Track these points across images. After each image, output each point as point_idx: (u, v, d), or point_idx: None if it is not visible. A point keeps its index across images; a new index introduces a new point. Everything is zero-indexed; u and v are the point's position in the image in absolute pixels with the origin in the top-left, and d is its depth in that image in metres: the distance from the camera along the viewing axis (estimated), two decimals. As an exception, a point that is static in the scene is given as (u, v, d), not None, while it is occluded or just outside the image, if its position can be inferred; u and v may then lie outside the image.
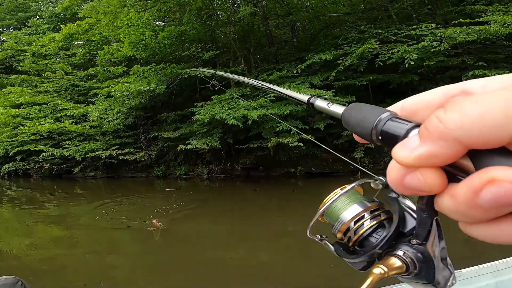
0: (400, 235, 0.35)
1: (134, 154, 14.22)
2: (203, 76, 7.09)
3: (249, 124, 10.51)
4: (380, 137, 0.31)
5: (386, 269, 0.32)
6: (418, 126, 0.28)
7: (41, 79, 18.96)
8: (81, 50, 19.09)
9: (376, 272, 0.32)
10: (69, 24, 17.30)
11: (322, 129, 10.72)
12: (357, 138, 0.36)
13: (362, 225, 0.38)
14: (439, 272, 0.33)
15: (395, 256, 0.33)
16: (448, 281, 0.33)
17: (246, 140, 11.97)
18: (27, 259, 5.73)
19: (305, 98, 0.55)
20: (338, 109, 0.41)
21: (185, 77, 12.33)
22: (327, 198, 0.40)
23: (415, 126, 0.28)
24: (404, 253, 0.33)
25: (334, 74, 10.81)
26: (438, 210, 0.28)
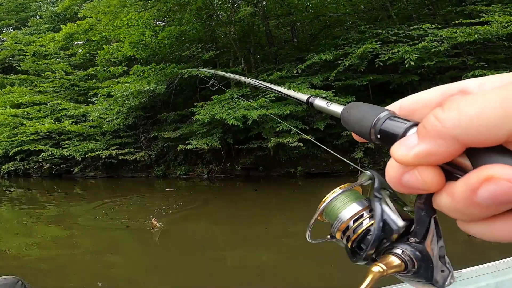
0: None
1: (134, 154, 14.21)
2: (203, 76, 7.08)
3: (249, 124, 10.51)
4: (378, 136, 0.31)
5: (385, 267, 0.33)
6: (416, 125, 0.28)
7: (41, 79, 18.96)
8: (81, 50, 19.10)
9: (375, 270, 0.32)
10: (69, 24, 17.29)
11: (322, 129, 10.72)
12: (356, 137, 0.36)
13: (361, 223, 0.38)
14: (438, 270, 0.33)
15: (394, 254, 0.33)
16: (446, 279, 0.33)
17: (246, 140, 11.97)
18: (27, 259, 5.72)
19: (304, 97, 0.56)
20: (337, 108, 0.41)
21: (185, 77, 12.33)
22: (326, 197, 0.40)
23: (414, 125, 0.29)
24: (402, 251, 0.33)
25: (334, 74, 10.81)
26: (436, 209, 0.29)
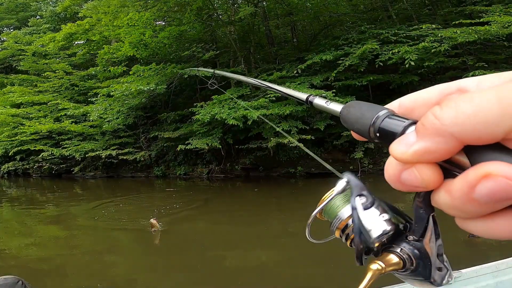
0: (397, 232, 0.35)
1: (134, 154, 14.21)
2: (203, 76, 7.07)
3: (249, 124, 10.51)
4: (377, 134, 0.31)
5: (383, 265, 0.33)
6: (415, 123, 0.29)
7: (41, 79, 18.96)
8: (81, 49, 19.11)
9: (373, 268, 0.32)
10: (69, 23, 17.27)
11: (322, 129, 10.73)
12: (355, 135, 0.36)
13: None
14: (436, 268, 0.33)
15: (392, 252, 0.33)
16: (444, 278, 0.33)
17: (246, 140, 11.97)
18: (27, 259, 5.72)
19: (304, 96, 0.55)
20: (337, 107, 0.41)
21: (185, 77, 12.33)
22: (326, 195, 0.40)
23: (412, 123, 0.29)
24: (401, 249, 0.33)
25: (334, 75, 10.80)
26: (434, 206, 0.29)
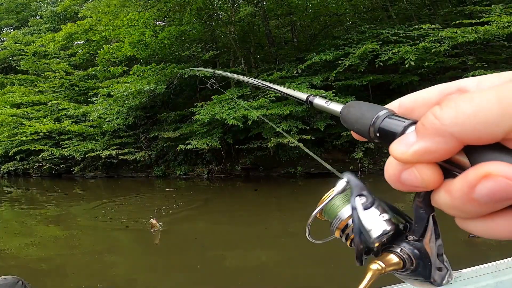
0: (397, 232, 0.35)
1: (134, 154, 14.21)
2: (203, 76, 7.07)
3: (249, 124, 10.51)
4: (377, 134, 0.31)
5: (383, 265, 0.33)
6: (415, 123, 0.28)
7: (41, 79, 18.96)
8: (81, 49, 19.10)
9: (373, 268, 0.32)
10: (69, 23, 17.27)
11: (322, 129, 10.72)
12: (355, 135, 0.36)
13: None
14: (435, 268, 0.33)
15: (392, 252, 0.33)
16: (444, 278, 0.33)
17: (246, 140, 11.97)
18: (27, 259, 5.72)
19: (304, 96, 0.55)
20: (336, 107, 0.41)
21: (185, 77, 12.33)
22: (326, 195, 0.40)
23: (412, 123, 0.29)
24: (401, 249, 0.33)
25: (334, 75, 10.80)
26: (434, 206, 0.29)
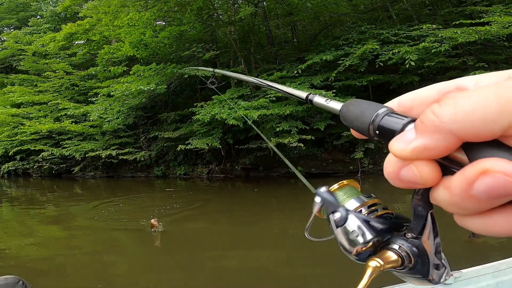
0: (395, 229, 0.35)
1: (134, 154, 14.21)
2: (203, 76, 7.07)
3: (249, 124, 10.50)
4: (377, 131, 0.31)
5: (382, 262, 0.33)
6: (414, 120, 0.29)
7: (41, 79, 18.96)
8: (81, 49, 19.10)
9: (372, 265, 0.33)
10: (69, 23, 17.26)
11: (322, 129, 10.72)
12: (354, 133, 0.36)
13: None
14: (433, 266, 0.33)
15: (391, 249, 0.33)
16: (442, 276, 0.33)
17: (246, 140, 11.97)
18: (27, 259, 5.72)
19: (304, 94, 0.55)
20: (336, 105, 0.41)
21: (185, 77, 12.33)
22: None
23: (411, 120, 0.29)
24: (399, 246, 0.33)
25: (334, 75, 10.80)
26: (433, 203, 0.29)
